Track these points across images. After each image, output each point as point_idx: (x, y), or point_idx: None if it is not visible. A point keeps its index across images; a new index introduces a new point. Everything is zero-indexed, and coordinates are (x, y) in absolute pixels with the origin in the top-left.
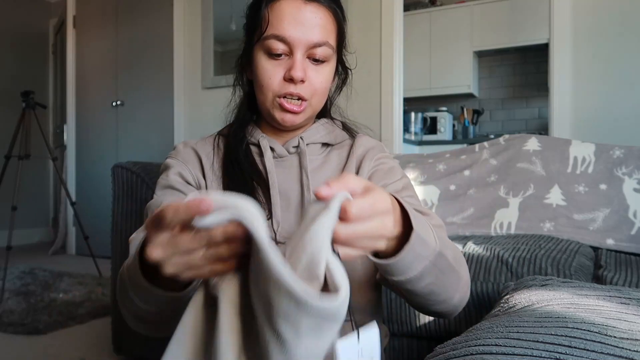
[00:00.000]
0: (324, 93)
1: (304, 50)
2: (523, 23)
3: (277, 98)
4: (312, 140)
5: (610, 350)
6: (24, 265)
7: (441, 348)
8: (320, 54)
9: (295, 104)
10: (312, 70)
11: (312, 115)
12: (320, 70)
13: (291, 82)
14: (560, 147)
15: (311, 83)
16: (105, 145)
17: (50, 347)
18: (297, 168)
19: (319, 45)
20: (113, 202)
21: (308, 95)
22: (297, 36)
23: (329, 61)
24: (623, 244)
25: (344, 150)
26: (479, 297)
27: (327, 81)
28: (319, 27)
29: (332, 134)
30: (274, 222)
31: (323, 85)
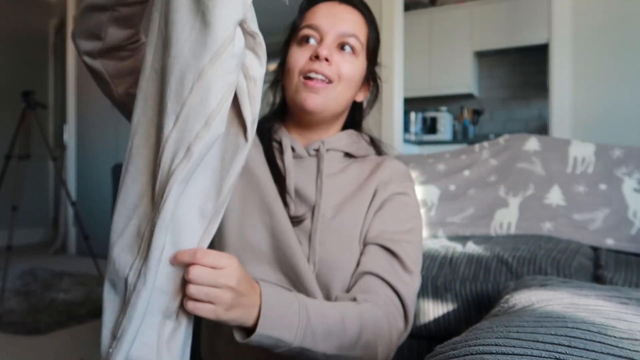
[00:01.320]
0: (350, 83)
1: (333, 38)
2: (523, 23)
3: (302, 78)
4: (333, 146)
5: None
6: (24, 265)
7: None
8: (349, 42)
9: (319, 79)
10: (339, 57)
11: (335, 102)
12: (347, 59)
13: (317, 59)
14: (560, 147)
15: (337, 66)
16: (105, 145)
17: (50, 347)
18: (314, 171)
19: (348, 35)
20: (113, 202)
21: (332, 76)
22: (328, 24)
23: (357, 55)
24: (623, 244)
25: (367, 166)
26: (479, 297)
27: (354, 71)
28: (350, 22)
29: (355, 145)
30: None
31: (349, 73)
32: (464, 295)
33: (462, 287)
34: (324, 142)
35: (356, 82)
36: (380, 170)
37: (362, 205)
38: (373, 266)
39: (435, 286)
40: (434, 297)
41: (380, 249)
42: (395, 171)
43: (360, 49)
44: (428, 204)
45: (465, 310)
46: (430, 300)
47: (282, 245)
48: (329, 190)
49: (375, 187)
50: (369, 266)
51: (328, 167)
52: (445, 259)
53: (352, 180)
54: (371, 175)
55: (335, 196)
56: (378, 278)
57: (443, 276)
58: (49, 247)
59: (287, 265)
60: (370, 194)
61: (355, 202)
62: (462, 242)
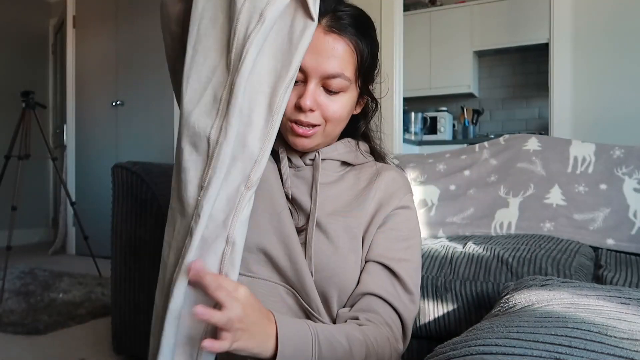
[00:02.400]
0: (339, 121)
1: (318, 80)
2: (523, 23)
3: (289, 122)
4: (329, 156)
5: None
6: (24, 265)
7: (441, 348)
8: (335, 86)
9: (306, 129)
10: (325, 99)
11: (326, 140)
12: (335, 100)
13: (301, 110)
14: (560, 147)
15: (323, 111)
16: (105, 145)
17: (50, 347)
18: (310, 180)
19: (333, 77)
20: (113, 202)
21: (319, 122)
22: (312, 66)
23: (345, 91)
24: (623, 244)
25: (364, 174)
26: (479, 297)
27: (342, 110)
28: (335, 58)
29: (352, 153)
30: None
31: (337, 114)
32: (464, 295)
33: (462, 287)
34: (319, 152)
35: (347, 114)
36: (380, 181)
37: (360, 215)
38: (375, 287)
39: (435, 286)
40: (434, 297)
41: (382, 268)
42: (396, 183)
43: (347, 85)
44: (428, 204)
45: (465, 310)
46: (430, 300)
47: (289, 251)
48: (325, 199)
49: (378, 201)
50: (372, 287)
51: (324, 176)
52: (445, 259)
53: (349, 189)
54: (369, 185)
55: (330, 204)
56: (380, 299)
57: (443, 276)
58: (48, 247)
59: (292, 270)
60: (370, 205)
61: (352, 211)
62: (462, 242)
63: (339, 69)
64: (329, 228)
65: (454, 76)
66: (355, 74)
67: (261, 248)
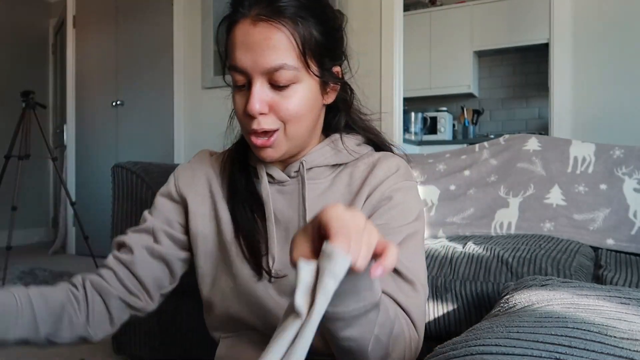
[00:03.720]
0: (301, 118)
1: (261, 78)
2: (523, 23)
3: (248, 135)
4: (316, 163)
5: (610, 350)
6: (24, 265)
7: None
8: (282, 79)
9: (264, 138)
10: (276, 97)
11: (296, 143)
12: (287, 95)
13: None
14: (560, 147)
15: (277, 111)
16: (105, 145)
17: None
18: (298, 195)
19: (274, 69)
20: (113, 202)
21: (276, 126)
22: (248, 64)
23: (297, 82)
24: (623, 244)
25: (360, 170)
26: (479, 297)
27: (300, 104)
28: (271, 49)
29: (341, 153)
30: (269, 258)
31: (294, 110)
32: (464, 295)
33: (462, 287)
34: (303, 162)
35: (309, 107)
36: (374, 172)
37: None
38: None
39: (435, 286)
40: (434, 297)
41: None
42: (388, 170)
43: (295, 74)
44: (428, 204)
45: (465, 310)
46: (430, 300)
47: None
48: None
49: (368, 193)
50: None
51: (313, 188)
52: (445, 259)
53: (344, 191)
54: (366, 180)
55: None
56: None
57: (443, 276)
58: (48, 247)
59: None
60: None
61: None
62: (462, 242)
63: (278, 59)
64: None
65: (454, 76)
66: (302, 59)
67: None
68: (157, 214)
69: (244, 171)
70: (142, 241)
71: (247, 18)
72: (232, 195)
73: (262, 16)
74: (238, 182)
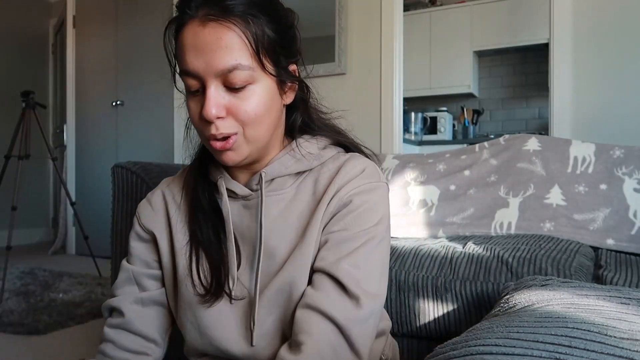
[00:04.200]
0: (260, 120)
1: (216, 81)
2: (523, 23)
3: (207, 140)
4: (276, 174)
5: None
6: (24, 265)
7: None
8: (237, 80)
9: (223, 142)
10: (233, 99)
11: (258, 145)
12: (244, 97)
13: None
14: (560, 147)
15: (235, 114)
16: (105, 145)
17: (50, 347)
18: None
19: (228, 70)
20: (113, 202)
21: (234, 129)
22: (201, 67)
23: (253, 83)
24: (623, 244)
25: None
26: (479, 297)
27: (258, 105)
28: (222, 49)
29: (303, 160)
30: (230, 280)
31: (253, 112)
32: (464, 295)
33: (462, 287)
34: (263, 175)
35: (267, 108)
36: (337, 177)
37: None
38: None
39: (435, 286)
40: (434, 297)
41: (322, 276)
42: (352, 173)
43: (250, 75)
44: (428, 204)
45: (465, 310)
46: (430, 300)
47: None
48: (283, 228)
49: (328, 200)
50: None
51: (277, 200)
52: (445, 259)
53: (309, 200)
54: (329, 186)
55: (291, 232)
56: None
57: (443, 276)
58: (48, 247)
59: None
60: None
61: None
62: (462, 242)
63: (232, 59)
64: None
65: (454, 76)
66: (257, 58)
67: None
68: (134, 259)
69: (207, 187)
70: (129, 296)
71: (195, 19)
72: (194, 213)
73: (211, 16)
74: (202, 199)
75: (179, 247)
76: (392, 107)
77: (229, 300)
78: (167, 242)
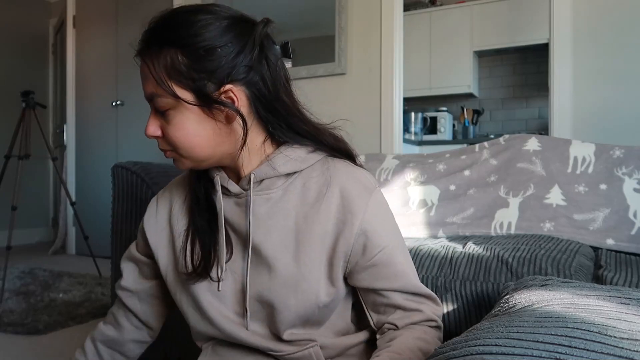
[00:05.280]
0: (191, 145)
1: (153, 105)
2: (523, 23)
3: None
4: (265, 175)
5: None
6: (24, 265)
7: (441, 348)
8: (159, 105)
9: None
10: (164, 123)
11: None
12: (168, 120)
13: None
14: (560, 147)
15: (165, 135)
16: (105, 145)
17: (50, 347)
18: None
19: (150, 98)
20: (113, 202)
21: (169, 148)
22: (144, 93)
23: (172, 109)
24: (623, 244)
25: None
26: (479, 297)
27: (180, 130)
28: (146, 80)
29: (293, 161)
30: (219, 269)
31: (177, 135)
32: (464, 295)
33: (462, 287)
34: (252, 177)
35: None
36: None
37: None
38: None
39: (435, 286)
40: None
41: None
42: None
43: (169, 102)
44: (428, 204)
45: (465, 310)
46: None
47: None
48: (269, 225)
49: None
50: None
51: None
52: (445, 259)
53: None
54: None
55: (277, 231)
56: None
57: (443, 276)
58: (48, 247)
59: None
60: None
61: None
62: (462, 242)
63: (149, 89)
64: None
65: (454, 76)
66: (166, 86)
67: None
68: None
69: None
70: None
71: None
72: (193, 205)
73: (140, 52)
74: (199, 194)
75: (176, 234)
76: (392, 107)
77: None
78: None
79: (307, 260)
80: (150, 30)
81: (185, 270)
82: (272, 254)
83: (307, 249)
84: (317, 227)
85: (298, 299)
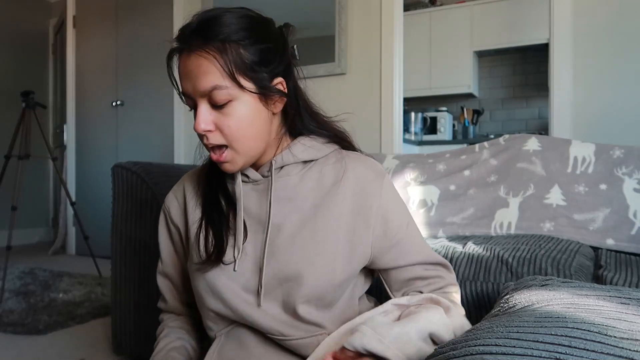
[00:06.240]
0: (245, 131)
1: (203, 100)
2: (523, 23)
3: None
4: (285, 162)
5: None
6: (24, 265)
7: (441, 348)
8: (218, 99)
9: (217, 152)
10: (219, 116)
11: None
12: (228, 113)
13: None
14: (560, 147)
15: (221, 129)
16: (105, 145)
17: (50, 347)
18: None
19: (209, 91)
20: (113, 202)
21: (223, 142)
22: (190, 89)
23: (234, 100)
24: (623, 244)
25: (330, 168)
26: (479, 297)
27: (242, 122)
28: (202, 75)
29: (310, 150)
30: (235, 250)
31: (237, 128)
32: (464, 295)
33: (462, 287)
34: (272, 162)
35: (251, 122)
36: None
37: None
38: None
39: None
40: None
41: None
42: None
43: (230, 92)
44: (428, 204)
45: (465, 310)
46: None
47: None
48: (289, 207)
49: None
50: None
51: (284, 184)
52: (445, 259)
53: (313, 185)
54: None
55: (296, 212)
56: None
57: None
58: (48, 247)
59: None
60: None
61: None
62: (462, 242)
63: (210, 82)
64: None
65: (454, 76)
66: (233, 79)
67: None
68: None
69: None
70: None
71: (184, 50)
72: (208, 194)
73: (194, 47)
74: (215, 182)
75: (191, 224)
76: (392, 107)
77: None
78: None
79: (324, 238)
80: (206, 29)
81: (199, 258)
82: (291, 231)
83: (325, 228)
84: (334, 208)
85: (316, 272)
